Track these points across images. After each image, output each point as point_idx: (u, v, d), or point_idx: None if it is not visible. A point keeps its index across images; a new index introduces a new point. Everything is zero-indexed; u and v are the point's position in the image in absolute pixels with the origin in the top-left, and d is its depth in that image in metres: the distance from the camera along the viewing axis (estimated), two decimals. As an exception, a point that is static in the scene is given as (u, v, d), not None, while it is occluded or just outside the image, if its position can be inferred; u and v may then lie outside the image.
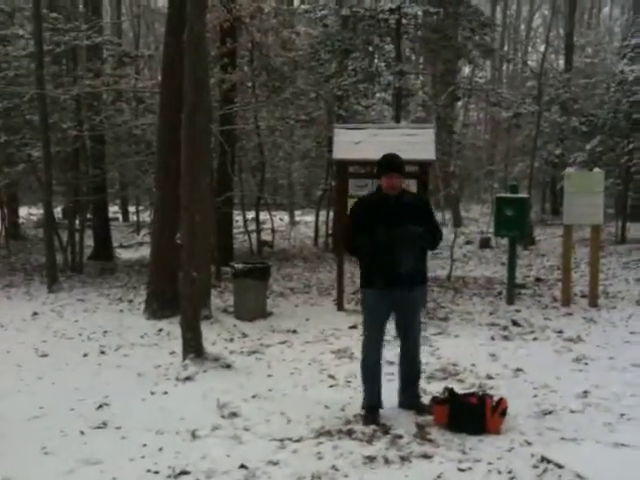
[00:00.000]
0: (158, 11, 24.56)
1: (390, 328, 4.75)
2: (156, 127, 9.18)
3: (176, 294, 7.09)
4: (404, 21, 14.88)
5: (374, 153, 8.39)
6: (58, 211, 16.53)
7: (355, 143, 8.56)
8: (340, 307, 8.40)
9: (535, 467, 3.70)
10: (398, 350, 4.80)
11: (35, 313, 8.42)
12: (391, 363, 5.18)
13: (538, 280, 10.74)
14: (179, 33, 7.43)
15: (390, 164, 4.47)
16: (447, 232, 17.82)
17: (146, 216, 17.94)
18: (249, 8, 11.64)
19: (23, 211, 18.91)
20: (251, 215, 15.25)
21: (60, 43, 11.75)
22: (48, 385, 5.51)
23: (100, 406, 4.90)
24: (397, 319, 4.64)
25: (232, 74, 11.54)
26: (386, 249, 4.37)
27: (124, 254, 14.98)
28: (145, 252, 10.48)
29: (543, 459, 3.74)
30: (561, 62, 24.18)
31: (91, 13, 13.84)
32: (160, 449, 4.09)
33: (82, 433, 4.39)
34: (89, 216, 14.08)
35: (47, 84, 10.96)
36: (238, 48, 13.07)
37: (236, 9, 11.34)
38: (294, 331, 7.33)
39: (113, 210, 22.17)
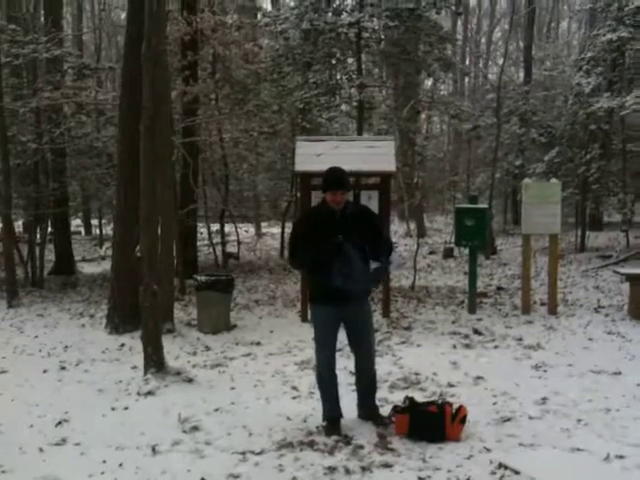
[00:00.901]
0: (119, 24, 24.44)
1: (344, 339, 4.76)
2: (117, 139, 9.10)
3: (138, 308, 6.99)
4: (364, 35, 15.06)
5: (336, 165, 8.52)
6: (19, 225, 16.22)
7: (317, 155, 8.60)
8: (304, 318, 8.40)
9: (493, 474, 3.76)
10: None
11: (-7, 330, 8.26)
12: (353, 373, 5.20)
13: (499, 289, 10.91)
14: (138, 46, 7.42)
15: (333, 181, 4.45)
16: (411, 242, 18.06)
17: (109, 229, 17.71)
18: (210, 21, 11.66)
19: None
20: (216, 227, 15.19)
21: (19, 55, 11.60)
22: (7, 402, 5.41)
23: (59, 422, 4.83)
24: (347, 333, 4.64)
25: (194, 86, 11.53)
26: (328, 263, 4.34)
27: (86, 268, 14.79)
28: (108, 266, 10.35)
29: (501, 465, 3.81)
30: (521, 75, 24.69)
31: (51, 25, 13.69)
32: (120, 465, 4.05)
33: (41, 450, 4.33)
34: (50, 230, 13.86)
35: (5, 96, 10.80)
36: (200, 60, 13.08)
37: (197, 22, 11.35)
38: (258, 343, 7.32)
39: (75, 223, 21.87)
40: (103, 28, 24.05)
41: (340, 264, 4.34)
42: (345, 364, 5.56)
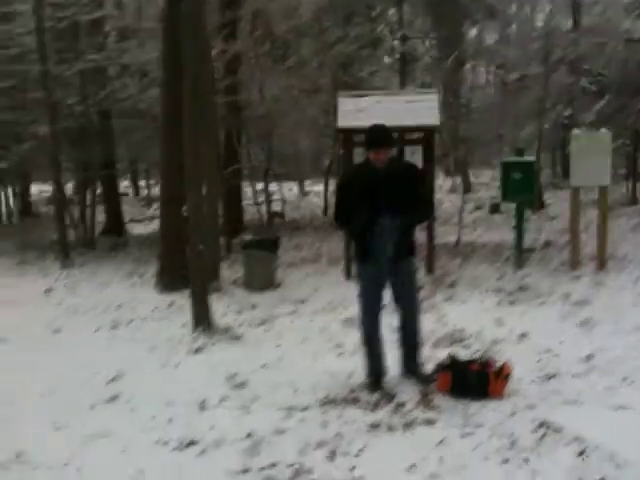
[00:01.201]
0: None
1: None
2: (160, 100, 9.17)
3: (186, 267, 7.16)
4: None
5: (378, 121, 8.41)
6: (69, 187, 16.61)
7: (359, 111, 8.52)
8: (348, 276, 8.45)
9: (536, 431, 3.76)
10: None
11: (48, 289, 8.56)
12: (397, 330, 5.22)
13: (547, 244, 10.72)
14: (178, 4, 7.41)
15: (376, 139, 4.38)
16: (456, 198, 17.82)
17: (157, 190, 18.00)
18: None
19: (35, 188, 19.02)
20: (260, 186, 15.26)
21: (61, 19, 11.69)
22: (60, 360, 5.61)
23: (111, 380, 5.01)
24: (392, 290, 4.63)
25: (234, 44, 11.46)
26: (370, 227, 4.36)
27: (136, 229, 15.09)
28: (156, 226, 10.56)
29: (544, 423, 3.81)
30: (569, 22, 23.70)
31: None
32: (169, 420, 4.20)
33: (92, 407, 4.50)
34: (99, 191, 14.16)
35: (50, 61, 10.94)
36: (239, 17, 12.95)
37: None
38: (303, 301, 7.41)
39: (124, 185, 22.25)
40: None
41: (381, 229, 4.34)
42: (389, 321, 5.59)
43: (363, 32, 14.75)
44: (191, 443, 3.85)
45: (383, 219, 4.35)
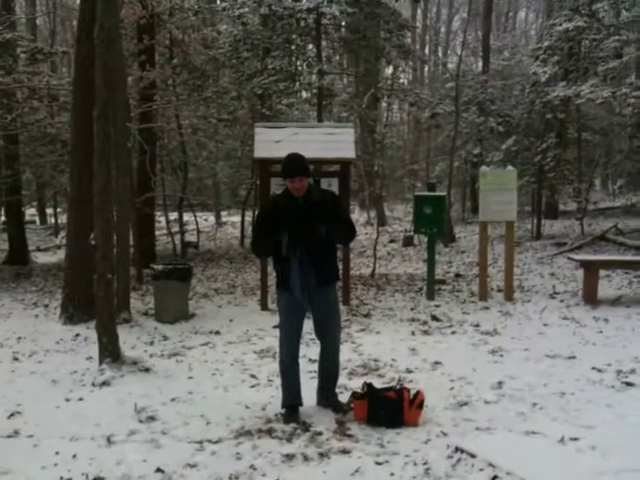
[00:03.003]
0: (73, 7, 23.79)
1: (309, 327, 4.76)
2: (70, 125, 8.88)
3: (92, 297, 6.86)
4: (323, 21, 14.98)
5: (295, 152, 8.48)
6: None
7: (276, 142, 8.55)
8: (264, 307, 8.37)
9: (450, 457, 3.79)
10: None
11: (-58, 320, 8.01)
12: (313, 361, 5.20)
13: (457, 276, 11.04)
14: (92, 29, 7.24)
15: (292, 168, 4.38)
16: (371, 231, 18.13)
17: (64, 218, 17.40)
18: (167, 4, 11.46)
19: None
20: (174, 216, 15.00)
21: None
22: (-44, 395, 5.24)
23: (12, 414, 4.71)
24: (313, 319, 4.63)
25: (150, 71, 11.32)
26: (291, 255, 4.35)
27: (41, 258, 14.46)
28: (63, 255, 10.14)
29: (457, 449, 3.84)
30: (479, 64, 24.92)
31: (2, 8, 13.27)
32: (74, 456, 3.97)
33: (-10, 443, 4.21)
34: (3, 219, 13.50)
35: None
36: (157, 45, 12.85)
37: (153, 5, 11.13)
38: (217, 332, 7.26)
39: (30, 213, 21.34)
40: (57, 12, 23.40)
41: (302, 257, 4.34)
42: (304, 352, 5.55)
43: (281, 65, 14.91)
44: (97, 479, 3.64)
45: (303, 247, 4.33)
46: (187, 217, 15.68)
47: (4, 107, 11.83)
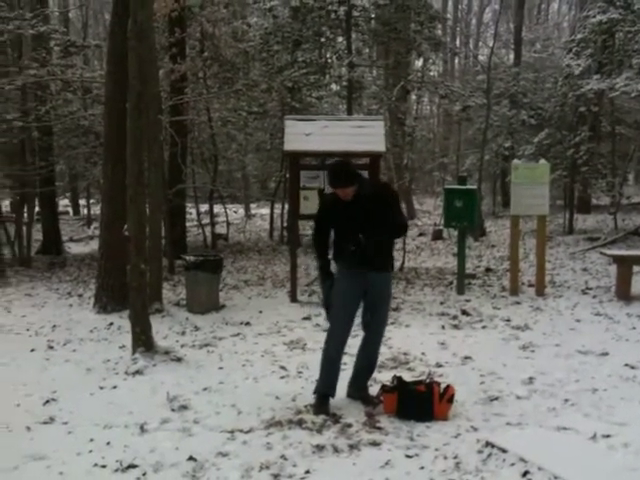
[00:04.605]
0: (106, 0, 24.05)
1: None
2: (103, 118, 9.00)
3: (126, 288, 6.99)
4: (354, 13, 14.92)
5: (324, 145, 8.51)
6: (6, 204, 16.08)
7: (306, 135, 8.58)
8: (294, 299, 8.41)
9: (480, 452, 3.78)
10: (359, 340, 4.78)
11: (-20, 308, 8.21)
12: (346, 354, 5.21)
13: (488, 270, 10.95)
14: (125, 22, 7.33)
15: (333, 181, 4.43)
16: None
17: (97, 209, 17.65)
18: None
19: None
20: (205, 208, 15.12)
21: (4, 32, 11.41)
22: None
23: (47, 401, 4.81)
24: (364, 306, 4.62)
25: (181, 64, 11.40)
26: (346, 249, 4.46)
27: (74, 248, 14.70)
28: (96, 246, 10.30)
29: (488, 444, 3.83)
30: (511, 57, 24.60)
31: (36, 1, 13.47)
32: (108, 443, 4.04)
33: (28, 429, 4.30)
34: (37, 209, 13.74)
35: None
36: (187, 38, 12.92)
37: (183, -1, 11.20)
38: (247, 323, 7.32)
39: (63, 203, 21.69)
40: (90, 5, 23.69)
41: (359, 246, 4.40)
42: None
43: (311, 58, 14.91)
44: (131, 466, 3.71)
45: (360, 238, 4.38)
46: (217, 209, 15.79)
47: (38, 99, 12.02)
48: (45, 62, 11.87)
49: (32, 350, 6.32)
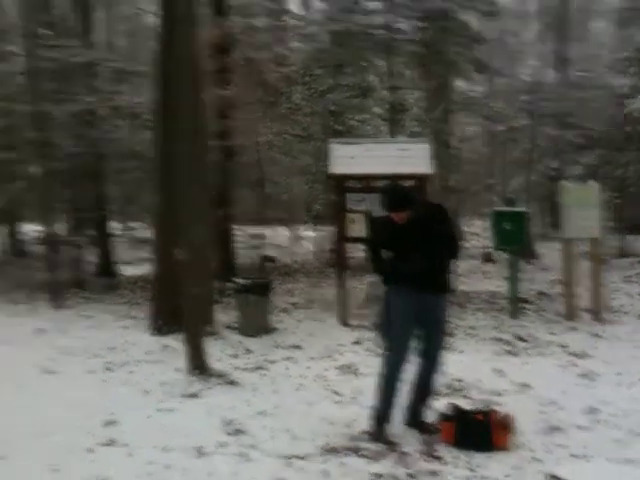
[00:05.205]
0: (152, 28, 24.63)
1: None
2: (153, 143, 9.21)
3: (179, 310, 7.06)
4: (395, 36, 14.96)
5: (370, 167, 8.54)
6: (61, 227, 16.47)
7: (351, 158, 8.63)
8: (343, 322, 8.40)
9: (544, 484, 3.70)
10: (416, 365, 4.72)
11: (39, 329, 8.39)
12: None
13: (541, 294, 10.74)
14: (171, 51, 7.54)
15: (391, 204, 4.44)
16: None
17: (148, 232, 17.96)
18: (240, 24, 11.75)
19: (26, 228, 18.83)
20: (252, 230, 15.25)
21: (53, 60, 11.76)
22: (54, 402, 5.47)
23: (107, 423, 4.89)
24: (421, 330, 4.57)
25: (227, 90, 11.61)
26: (403, 270, 4.47)
27: (128, 270, 14.90)
28: (148, 268, 10.49)
29: (553, 477, 3.74)
30: (555, 76, 24.34)
31: (84, 29, 13.87)
32: (167, 466, 4.09)
33: (89, 450, 4.38)
34: (91, 232, 14.04)
35: (43, 101, 10.96)
36: (231, 64, 13.15)
37: (228, 26, 11.45)
38: (298, 347, 7.32)
39: (116, 226, 22.08)
40: (137, 32, 24.31)
41: (414, 267, 4.42)
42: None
43: (354, 81, 15.01)
44: (191, 491, 3.74)
45: (416, 259, 4.39)
46: (264, 231, 15.92)
47: (89, 125, 12.34)
48: (94, 89, 12.22)
49: (90, 372, 6.43)
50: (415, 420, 4.66)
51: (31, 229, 17.77)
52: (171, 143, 7.71)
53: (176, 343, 7.12)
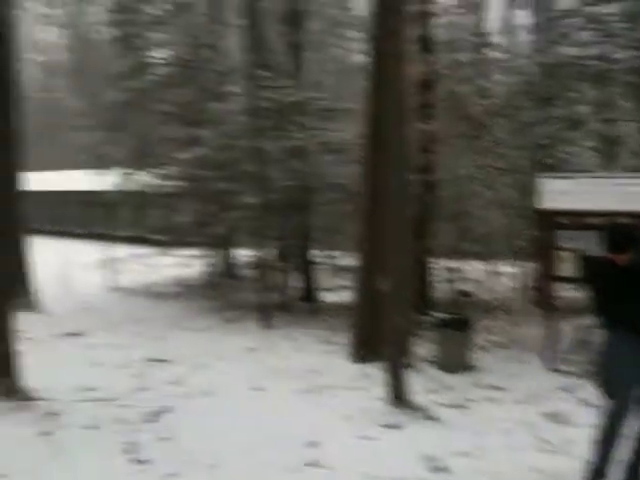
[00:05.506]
0: (357, 66, 25.59)
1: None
2: (359, 177, 9.53)
3: (380, 339, 7.20)
4: (610, 66, 14.09)
5: (583, 204, 8.06)
6: (270, 253, 17.55)
7: (562, 193, 8.25)
8: (550, 366, 7.94)
9: None
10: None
11: (250, 348, 8.99)
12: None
13: None
14: (379, 88, 7.81)
15: (612, 244, 4.20)
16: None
17: (348, 260, 18.55)
18: (445, 60, 11.82)
19: (238, 252, 20.36)
20: (448, 264, 15.06)
21: (269, 99, 12.67)
22: (260, 419, 5.81)
23: (310, 444, 5.09)
24: None
25: (430, 125, 11.69)
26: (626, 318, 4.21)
27: (328, 297, 15.43)
28: (348, 296, 10.83)
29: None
30: None
31: (294, 70, 14.80)
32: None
33: (296, 469, 4.58)
34: (296, 259, 14.79)
35: (260, 138, 11.85)
36: (434, 99, 13.23)
37: (432, 61, 11.56)
38: (500, 388, 7.07)
39: (318, 254, 23.04)
40: (343, 71, 25.44)
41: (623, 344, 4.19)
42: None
43: (563, 113, 14.35)
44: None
45: (624, 331, 4.14)
46: (462, 265, 15.66)
47: (300, 160, 13.08)
48: (305, 126, 12.96)
49: (295, 392, 6.74)
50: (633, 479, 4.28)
51: (242, 254, 19.25)
52: (377, 177, 8.00)
53: (376, 371, 7.22)
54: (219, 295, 14.15)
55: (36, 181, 17.09)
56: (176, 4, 15.68)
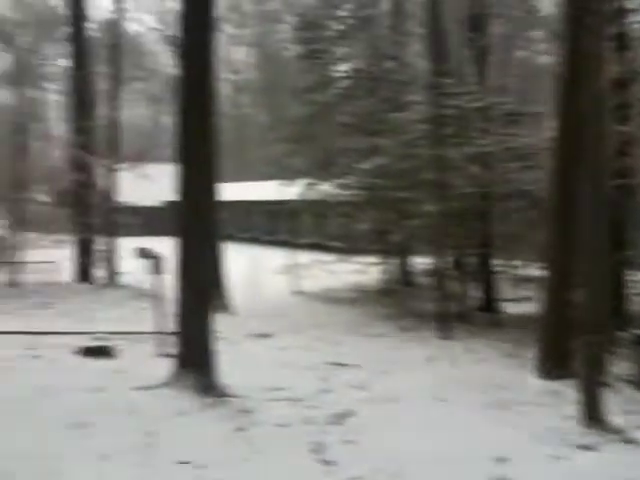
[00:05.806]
0: (544, 68, 24.36)
1: None
2: (547, 182, 9.08)
3: (570, 354, 6.83)
4: None
5: None
6: (447, 262, 17.29)
7: None
8: None
9: None
10: None
11: (430, 357, 8.93)
12: None
13: None
14: (576, 88, 7.40)
15: None
16: None
17: (530, 270, 17.70)
18: None
19: (414, 260, 20.31)
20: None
21: (452, 107, 12.47)
22: (445, 430, 5.73)
23: (499, 460, 4.94)
24: None
25: (627, 126, 10.85)
26: None
27: (510, 308, 14.87)
28: (530, 307, 10.36)
29: None
30: None
31: (478, 75, 14.45)
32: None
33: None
34: (475, 268, 14.41)
35: (442, 145, 11.70)
36: (631, 99, 12.27)
37: (630, 59, 10.73)
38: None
39: (497, 263, 22.25)
40: (529, 73, 24.36)
41: None
42: None
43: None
44: None
45: None
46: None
47: (483, 166, 12.73)
48: (488, 132, 12.59)
49: (479, 405, 6.56)
50: None
51: (419, 262, 19.20)
52: (571, 182, 7.61)
53: (565, 388, 6.84)
54: (395, 302, 14.21)
55: (227, 191, 18.29)
56: (359, 18, 16.07)
